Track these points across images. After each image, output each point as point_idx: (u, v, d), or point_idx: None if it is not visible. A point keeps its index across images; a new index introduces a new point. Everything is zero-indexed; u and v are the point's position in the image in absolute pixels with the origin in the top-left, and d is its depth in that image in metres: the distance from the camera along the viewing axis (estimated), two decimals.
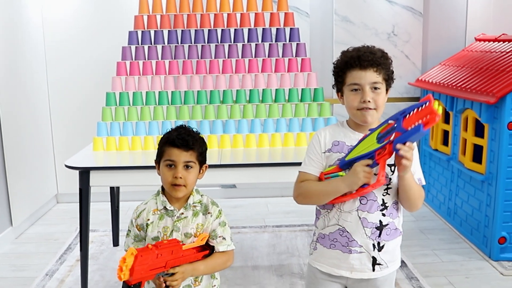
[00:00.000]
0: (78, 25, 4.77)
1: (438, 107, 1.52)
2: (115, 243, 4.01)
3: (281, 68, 3.48)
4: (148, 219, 1.93)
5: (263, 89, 3.43)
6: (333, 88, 1.90)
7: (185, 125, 1.97)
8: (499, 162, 3.51)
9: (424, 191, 1.81)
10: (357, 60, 1.75)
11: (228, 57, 3.51)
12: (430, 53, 5.06)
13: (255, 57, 3.52)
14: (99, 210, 4.62)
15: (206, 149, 1.97)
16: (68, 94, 4.87)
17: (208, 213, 1.94)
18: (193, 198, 1.95)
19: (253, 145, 3.27)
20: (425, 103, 1.53)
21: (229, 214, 4.69)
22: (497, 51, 4.19)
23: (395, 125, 1.58)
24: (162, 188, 1.96)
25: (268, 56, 3.52)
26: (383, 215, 1.82)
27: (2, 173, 4.00)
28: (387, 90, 1.83)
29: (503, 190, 3.53)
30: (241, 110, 3.38)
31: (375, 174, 1.73)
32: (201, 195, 1.99)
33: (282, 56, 3.52)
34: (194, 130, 1.96)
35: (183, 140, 1.87)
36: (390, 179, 1.81)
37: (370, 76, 1.75)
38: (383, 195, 1.81)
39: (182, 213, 1.92)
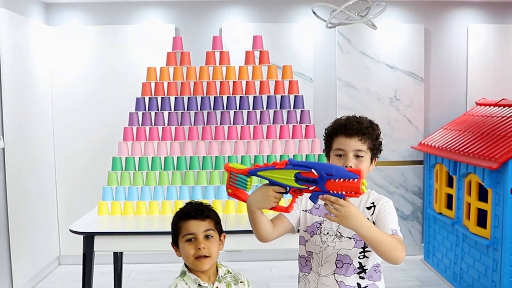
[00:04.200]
0: (85, 91, 4.90)
1: (363, 187, 1.56)
2: None
3: (286, 134, 3.54)
4: None
5: (267, 155, 3.47)
6: (323, 152, 2.00)
7: (192, 201, 1.99)
8: (504, 227, 3.51)
9: (402, 242, 1.77)
10: (343, 128, 1.86)
11: (233, 124, 3.58)
12: (432, 117, 5.14)
13: (260, 123, 3.59)
14: (101, 273, 4.57)
15: (219, 218, 1.98)
16: (74, 158, 4.94)
17: (241, 282, 1.94)
18: (222, 270, 1.93)
19: None
20: (354, 178, 1.56)
21: None
22: (497, 115, 4.26)
23: (317, 179, 1.60)
24: (186, 267, 1.90)
25: (273, 123, 3.59)
26: (361, 278, 1.87)
27: (5, 234, 4.00)
28: (372, 159, 1.91)
29: (509, 255, 3.51)
30: None
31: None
32: (226, 267, 1.98)
33: (287, 123, 3.59)
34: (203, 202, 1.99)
35: (198, 210, 1.87)
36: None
37: (355, 144, 1.84)
38: (360, 258, 1.86)
39: (217, 287, 1.88)
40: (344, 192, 1.58)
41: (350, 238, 1.87)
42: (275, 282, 4.59)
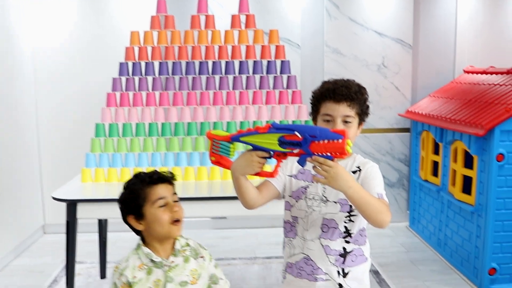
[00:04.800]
0: (68, 56, 4.78)
1: (348, 147, 1.53)
2: (102, 275, 3.94)
3: (272, 100, 3.50)
4: (135, 277, 1.75)
5: (254, 121, 3.43)
6: (310, 116, 1.96)
7: (142, 172, 1.86)
8: (488, 193, 3.52)
9: (387, 205, 1.75)
10: (332, 93, 1.81)
11: (219, 89, 3.52)
12: (419, 85, 5.11)
13: (246, 89, 3.53)
14: (87, 241, 4.54)
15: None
16: (57, 124, 4.85)
17: (201, 257, 1.84)
18: (180, 242, 1.82)
19: None
20: (339, 138, 1.53)
21: (219, 246, 4.64)
22: (485, 83, 4.23)
23: (301, 142, 1.57)
24: (143, 240, 1.82)
25: (259, 88, 3.54)
26: (347, 242, 1.86)
27: None
28: (360, 124, 1.88)
29: (493, 221, 3.53)
30: None
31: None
32: (186, 239, 1.87)
33: (273, 88, 3.54)
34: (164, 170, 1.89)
35: (163, 176, 1.78)
36: (351, 206, 1.82)
37: (343, 109, 1.80)
38: (345, 222, 1.85)
39: (173, 261, 1.78)
40: (330, 154, 1.55)
41: (335, 202, 1.85)
42: (262, 249, 4.60)
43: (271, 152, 1.66)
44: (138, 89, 3.51)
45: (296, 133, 1.58)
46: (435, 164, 4.48)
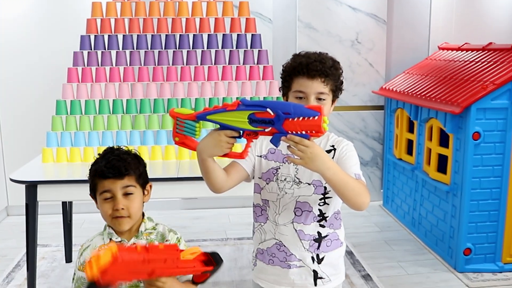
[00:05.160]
0: (28, 27, 4.52)
1: (324, 125, 1.42)
2: (68, 259, 3.79)
3: (242, 75, 3.36)
4: None
5: (223, 98, 3.30)
6: (280, 91, 1.82)
7: (113, 147, 1.76)
8: (464, 172, 3.46)
9: (366, 186, 1.66)
10: (305, 68, 1.68)
11: (186, 64, 3.37)
12: (394, 61, 5.02)
13: (215, 64, 3.39)
14: (52, 223, 4.39)
15: (145, 166, 1.78)
16: (18, 100, 4.61)
17: (166, 241, 1.75)
18: (145, 225, 1.75)
19: None
20: (315, 115, 1.41)
21: (190, 227, 4.52)
22: (460, 60, 4.17)
23: (274, 120, 1.44)
24: None
25: (229, 63, 3.40)
26: (322, 226, 1.76)
27: None
28: (333, 101, 1.75)
29: (468, 201, 3.48)
30: None
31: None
32: (156, 223, 1.79)
33: (243, 64, 3.40)
34: (125, 148, 1.76)
35: (113, 169, 1.65)
36: (326, 187, 1.72)
37: (317, 86, 1.68)
38: (320, 205, 1.75)
39: (134, 244, 1.70)
40: (305, 132, 1.43)
41: (309, 184, 1.73)
42: (233, 229, 4.49)
43: (241, 131, 1.53)
44: (101, 64, 3.33)
45: (268, 110, 1.45)
46: (410, 143, 4.42)
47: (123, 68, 3.32)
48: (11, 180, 2.82)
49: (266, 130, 1.47)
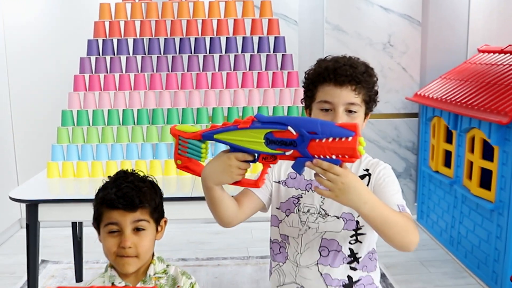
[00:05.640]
0: (39, 33, 4.33)
1: (360, 147, 1.13)
2: (78, 278, 3.58)
3: (264, 82, 3.08)
4: None
5: (243, 107, 3.03)
6: (301, 103, 1.54)
7: (126, 171, 1.49)
8: (511, 189, 3.11)
9: (413, 220, 1.35)
10: (332, 73, 1.39)
11: (202, 70, 3.11)
12: (429, 66, 4.70)
13: (234, 70, 3.12)
14: (66, 236, 4.15)
15: (161, 197, 1.51)
16: (30, 111, 4.44)
17: (177, 287, 1.49)
18: (154, 267, 1.48)
19: None
20: (348, 135, 1.12)
21: (209, 242, 4.25)
22: (504, 63, 3.84)
23: (297, 140, 1.17)
24: None
25: (249, 69, 3.12)
26: (353, 269, 1.46)
27: None
28: (366, 114, 1.46)
29: None
30: None
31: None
32: (167, 265, 1.52)
33: (266, 69, 3.12)
34: (140, 174, 1.49)
35: (125, 198, 1.40)
36: (358, 222, 1.43)
37: (346, 95, 1.39)
38: (351, 243, 1.45)
39: None
40: (335, 157, 1.15)
41: (338, 218, 1.43)
42: (256, 246, 4.20)
43: (256, 155, 1.25)
44: (110, 71, 3.08)
45: (290, 128, 1.17)
46: (447, 154, 4.08)
47: (134, 75, 3.08)
48: (10, 198, 2.59)
49: (287, 153, 1.19)
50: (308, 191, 1.46)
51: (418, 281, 3.53)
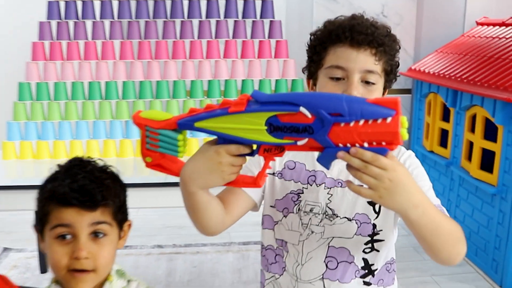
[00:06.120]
0: None
1: (403, 130, 0.83)
2: (43, 269, 3.26)
3: (250, 52, 2.84)
4: None
5: (225, 80, 2.77)
6: (304, 72, 1.23)
7: (82, 159, 1.15)
8: None
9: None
10: (348, 31, 1.09)
11: (180, 38, 2.87)
12: (424, 38, 4.51)
13: (215, 38, 2.87)
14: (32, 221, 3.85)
15: (126, 193, 1.18)
16: None
17: None
18: (111, 285, 1.15)
19: None
20: (386, 116, 0.81)
21: (188, 227, 3.96)
22: (507, 37, 3.62)
23: (312, 125, 0.85)
24: None
25: (233, 37, 2.88)
26: (367, 284, 1.18)
27: None
28: (384, 89, 1.16)
29: None
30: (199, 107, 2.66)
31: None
32: (128, 280, 1.19)
33: (251, 37, 2.88)
34: (99, 163, 1.16)
35: (83, 193, 1.07)
36: (375, 225, 1.15)
37: (365, 60, 1.09)
38: (365, 252, 1.16)
39: None
40: (367, 144, 0.84)
41: (349, 220, 1.15)
42: (239, 231, 3.92)
43: (255, 146, 0.93)
44: (74, 38, 2.83)
45: (303, 109, 0.85)
46: (444, 133, 3.86)
47: (101, 42, 2.82)
48: None
49: (300, 142, 0.88)
50: (311, 185, 1.17)
51: (412, 270, 3.32)
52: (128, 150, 2.60)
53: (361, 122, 0.82)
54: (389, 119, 0.80)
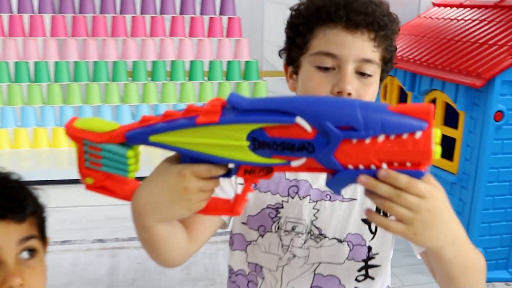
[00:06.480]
0: None
1: (437, 148, 0.63)
2: None
3: (199, 30, 2.58)
4: None
5: (172, 61, 2.49)
6: (280, 56, 0.99)
7: None
8: (479, 161, 2.86)
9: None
10: (343, 10, 0.86)
11: (120, 13, 2.56)
12: None
13: (160, 13, 2.57)
14: None
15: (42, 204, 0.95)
16: None
17: None
18: None
19: None
20: (414, 129, 0.61)
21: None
22: (466, 19, 3.57)
23: (313, 142, 0.63)
24: None
25: (180, 13, 2.59)
26: None
27: None
28: (380, 81, 0.95)
29: (483, 196, 2.88)
30: (140, 93, 2.39)
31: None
32: None
33: (201, 14, 2.60)
34: (12, 175, 0.92)
35: (9, 200, 0.85)
36: (370, 248, 0.96)
37: (362, 47, 0.88)
38: (358, 281, 0.97)
39: None
40: (386, 166, 0.64)
41: (340, 241, 0.96)
42: None
43: (232, 166, 0.71)
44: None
45: (299, 120, 0.63)
46: None
47: (29, 16, 2.45)
48: None
49: (294, 163, 0.66)
50: (292, 198, 0.95)
51: None
52: (62, 139, 2.31)
53: (381, 138, 0.60)
54: (418, 134, 0.59)
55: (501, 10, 3.33)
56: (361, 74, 0.87)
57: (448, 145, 3.19)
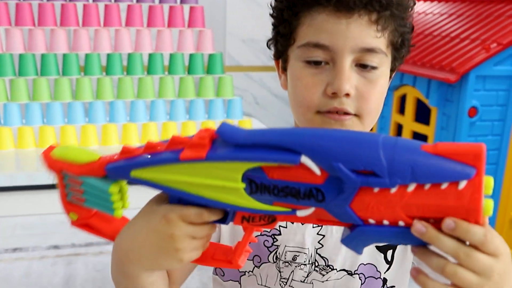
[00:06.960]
0: None
1: (489, 203, 0.46)
2: None
3: (158, 20, 2.42)
4: None
5: (128, 54, 2.35)
6: (268, 47, 0.81)
7: None
8: None
9: None
10: None
11: (70, 0, 2.37)
12: None
13: (116, 1, 2.43)
14: None
15: None
16: None
17: None
18: None
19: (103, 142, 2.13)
20: (457, 178, 0.45)
21: None
22: (435, 13, 3.57)
23: (322, 188, 0.48)
24: None
25: (137, 1, 2.45)
26: None
27: None
28: (392, 71, 0.76)
29: None
30: (94, 89, 2.20)
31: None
32: None
33: (160, 2, 2.47)
34: None
35: None
36: (385, 280, 0.82)
37: (360, 32, 0.69)
38: None
39: None
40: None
41: (350, 274, 0.79)
42: None
43: (228, 211, 0.56)
44: None
45: (305, 160, 0.47)
46: None
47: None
48: None
49: (301, 213, 0.51)
50: (292, 222, 0.78)
51: None
52: (50, 137, 2.12)
53: (411, 187, 0.45)
54: (462, 184, 0.44)
55: (472, 4, 3.32)
56: (363, 66, 0.70)
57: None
